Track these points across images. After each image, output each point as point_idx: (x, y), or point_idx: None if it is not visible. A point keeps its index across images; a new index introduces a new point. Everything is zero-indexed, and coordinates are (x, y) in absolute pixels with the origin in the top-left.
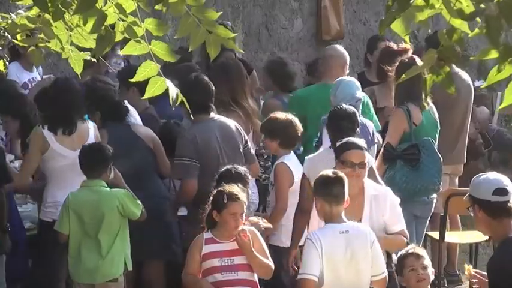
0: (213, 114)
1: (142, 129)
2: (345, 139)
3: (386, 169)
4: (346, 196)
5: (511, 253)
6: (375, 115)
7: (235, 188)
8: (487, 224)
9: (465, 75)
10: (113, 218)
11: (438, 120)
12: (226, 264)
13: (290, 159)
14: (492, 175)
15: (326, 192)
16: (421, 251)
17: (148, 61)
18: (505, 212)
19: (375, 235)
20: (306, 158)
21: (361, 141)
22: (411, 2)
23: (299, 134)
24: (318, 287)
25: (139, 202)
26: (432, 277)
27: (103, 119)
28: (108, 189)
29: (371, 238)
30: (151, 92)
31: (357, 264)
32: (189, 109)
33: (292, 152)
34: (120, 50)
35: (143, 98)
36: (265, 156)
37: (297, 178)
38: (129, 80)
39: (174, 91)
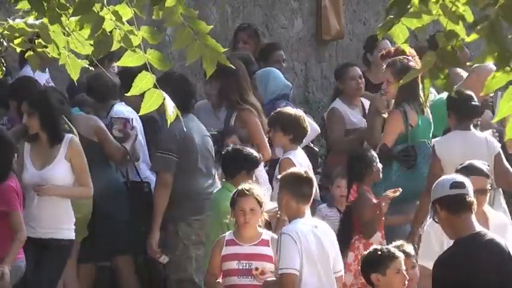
0: (192, 116)
1: (82, 122)
2: (467, 162)
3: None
4: (313, 196)
5: (464, 254)
6: None
7: (246, 185)
8: (450, 222)
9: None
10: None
11: (432, 121)
12: (244, 267)
13: (296, 155)
14: (445, 175)
15: (295, 190)
16: (410, 248)
17: (144, 72)
18: (464, 205)
19: None
20: (433, 141)
21: (483, 166)
22: (409, 7)
23: (308, 131)
24: (298, 282)
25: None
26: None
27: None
28: (228, 192)
29: (334, 235)
30: (147, 107)
31: (328, 259)
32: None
33: (299, 146)
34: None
35: (139, 114)
36: None
37: None
38: (125, 94)
39: (170, 104)
